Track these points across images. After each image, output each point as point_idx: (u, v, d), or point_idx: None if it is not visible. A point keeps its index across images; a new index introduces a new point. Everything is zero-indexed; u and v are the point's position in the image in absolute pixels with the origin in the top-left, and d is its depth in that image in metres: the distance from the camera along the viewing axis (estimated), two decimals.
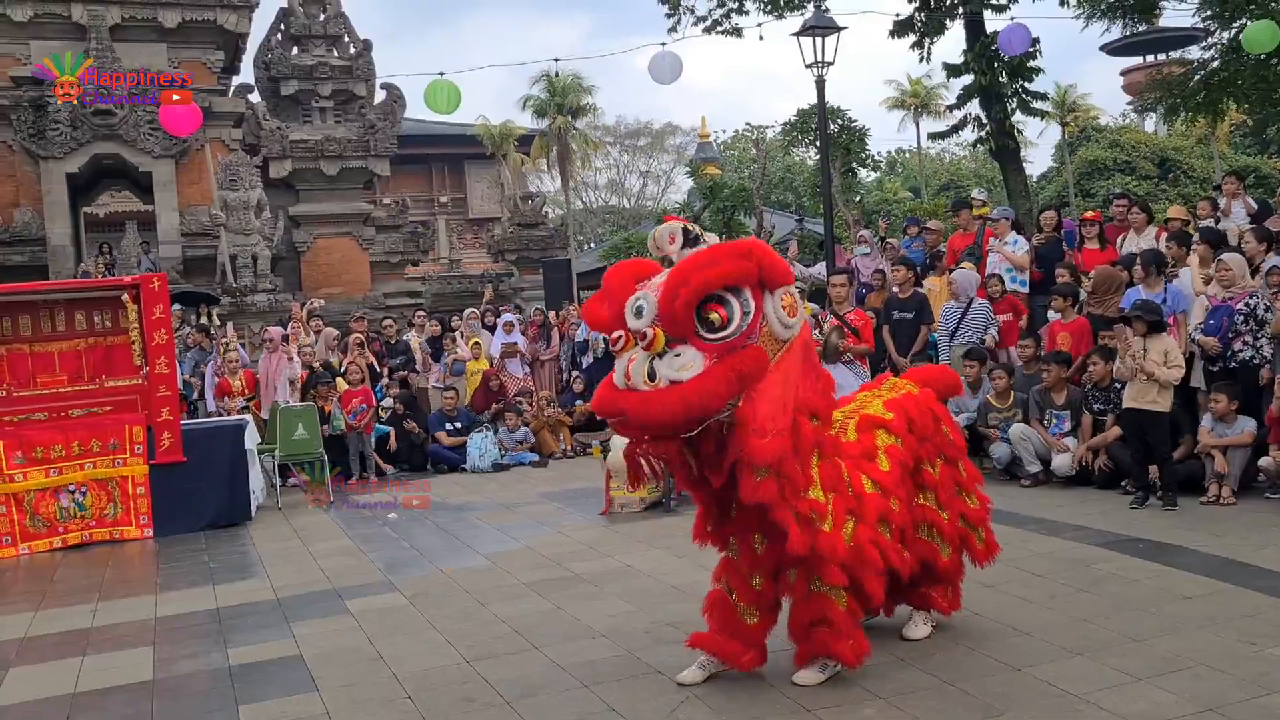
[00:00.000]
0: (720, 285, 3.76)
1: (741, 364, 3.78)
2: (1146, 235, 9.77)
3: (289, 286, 19.78)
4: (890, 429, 4.45)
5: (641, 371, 3.76)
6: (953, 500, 4.63)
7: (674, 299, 3.72)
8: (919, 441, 4.52)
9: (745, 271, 3.82)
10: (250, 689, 4.72)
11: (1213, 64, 17.23)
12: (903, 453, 4.41)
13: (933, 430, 4.60)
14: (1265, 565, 5.65)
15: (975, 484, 4.80)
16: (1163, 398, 7.24)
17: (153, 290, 8.99)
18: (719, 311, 3.76)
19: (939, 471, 4.58)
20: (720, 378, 3.72)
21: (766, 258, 3.92)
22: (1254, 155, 33.12)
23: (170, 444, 8.84)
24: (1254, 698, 3.89)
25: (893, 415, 4.50)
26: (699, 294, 3.73)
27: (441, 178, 39.29)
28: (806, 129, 23.52)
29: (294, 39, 21.14)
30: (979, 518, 4.75)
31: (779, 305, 3.91)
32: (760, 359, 3.85)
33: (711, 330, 3.76)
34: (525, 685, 4.48)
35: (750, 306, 3.82)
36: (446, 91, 14.77)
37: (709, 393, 3.71)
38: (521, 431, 11.80)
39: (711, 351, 3.74)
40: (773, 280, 3.91)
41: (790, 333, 3.97)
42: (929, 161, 47.74)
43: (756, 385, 3.83)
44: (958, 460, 4.73)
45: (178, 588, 6.88)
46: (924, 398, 4.70)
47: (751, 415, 3.79)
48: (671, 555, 6.70)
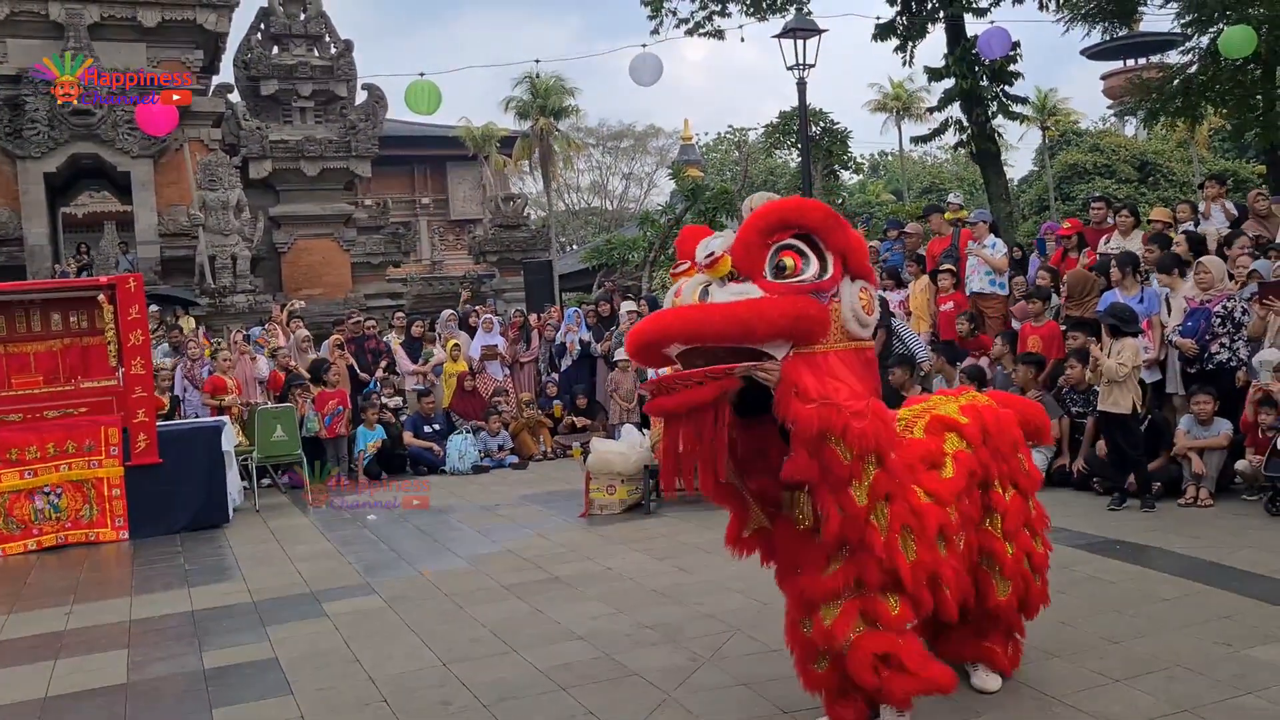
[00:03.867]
0: (804, 227, 3.49)
1: (805, 306, 3.41)
2: (1133, 238, 9.82)
3: (269, 288, 19.67)
4: (963, 434, 3.97)
5: (694, 293, 3.47)
6: (1019, 534, 4.08)
7: (754, 224, 3.48)
8: (992, 456, 4.02)
9: (832, 231, 3.53)
10: (225, 692, 4.68)
11: (1191, 68, 17.35)
12: (973, 462, 3.92)
13: (1009, 452, 4.09)
14: (1242, 567, 5.68)
15: (1043, 526, 4.27)
16: (1123, 398, 7.30)
17: (129, 291, 8.92)
18: (793, 258, 3.47)
19: (1010, 499, 4.06)
20: (778, 306, 3.36)
21: (857, 240, 3.65)
22: (1232, 159, 33.36)
23: (146, 445, 8.77)
24: (1230, 698, 3.90)
25: (968, 420, 4.02)
26: (782, 221, 3.46)
27: (423, 179, 39.19)
28: (789, 131, 23.56)
29: (274, 38, 21.03)
30: (1042, 562, 4.22)
31: (856, 296, 3.57)
32: (825, 315, 3.47)
33: (780, 275, 3.44)
34: (504, 688, 4.45)
35: (828, 272, 3.51)
36: (427, 92, 14.75)
37: (761, 315, 3.34)
38: (502, 436, 11.77)
39: (775, 292, 3.41)
40: (858, 266, 3.61)
41: (863, 333, 3.61)
42: (911, 164, 47.91)
43: (812, 347, 3.46)
44: (1029, 494, 4.18)
45: (153, 590, 6.82)
46: (1005, 416, 4.18)
47: (798, 376, 3.38)
48: (652, 558, 6.68)
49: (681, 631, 5.06)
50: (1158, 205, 14.96)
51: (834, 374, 3.45)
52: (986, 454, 3.98)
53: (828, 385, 3.39)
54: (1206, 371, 7.84)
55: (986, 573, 4.00)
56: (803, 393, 3.35)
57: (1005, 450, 4.06)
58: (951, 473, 3.82)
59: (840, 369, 3.48)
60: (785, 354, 3.41)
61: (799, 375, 3.39)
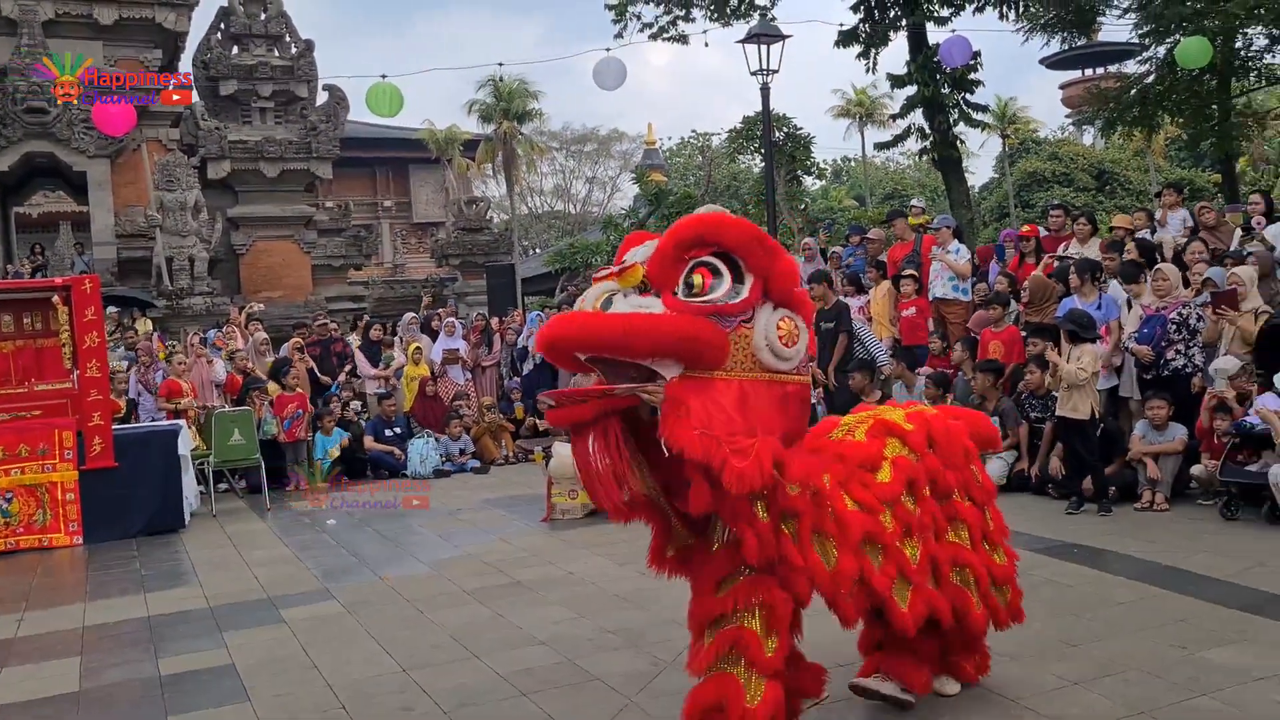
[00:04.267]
0: (722, 245, 3.34)
1: (693, 328, 3.25)
2: (1091, 246, 9.94)
3: (227, 290, 19.47)
4: (906, 439, 3.83)
5: (596, 300, 3.41)
6: (977, 546, 3.98)
7: (671, 238, 3.37)
8: (943, 465, 3.88)
9: (753, 252, 3.36)
10: (181, 699, 4.61)
11: (1148, 79, 17.63)
12: (915, 468, 3.79)
13: (960, 461, 3.96)
14: (1196, 570, 5.76)
15: (1002, 537, 4.12)
16: (1081, 404, 7.39)
17: (84, 292, 8.79)
18: (705, 275, 3.31)
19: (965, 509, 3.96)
20: (661, 324, 3.22)
21: (783, 262, 3.45)
22: (1188, 168, 33.91)
23: (101, 449, 8.64)
24: (1184, 700, 3.95)
25: (913, 426, 3.88)
26: (698, 237, 3.33)
27: (385, 181, 38.92)
28: (752, 136, 23.66)
29: (234, 38, 20.83)
30: (1005, 575, 4.08)
31: (774, 325, 3.38)
32: (721, 342, 3.29)
33: (690, 293, 3.30)
34: (464, 694, 4.42)
35: (739, 295, 3.33)
36: (389, 94, 14.67)
37: (641, 331, 3.20)
38: (463, 440, 11.70)
39: (675, 309, 3.28)
40: (781, 293, 3.43)
41: (779, 364, 3.40)
42: (874, 170, 48.26)
43: (711, 372, 3.30)
44: (985, 506, 4.03)
45: (108, 596, 6.71)
46: (954, 426, 4.04)
47: (683, 397, 3.22)
48: (613, 563, 6.67)
49: (643, 636, 5.05)
50: (1115, 213, 15.18)
51: (727, 404, 3.27)
52: (935, 461, 3.86)
53: (713, 414, 3.21)
54: (1162, 377, 7.95)
55: (961, 588, 3.85)
56: (689, 417, 3.19)
57: (957, 460, 3.94)
58: (888, 477, 3.71)
59: (740, 400, 3.31)
60: (674, 375, 3.27)
61: (683, 399, 3.22)
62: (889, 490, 3.68)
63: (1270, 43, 16.79)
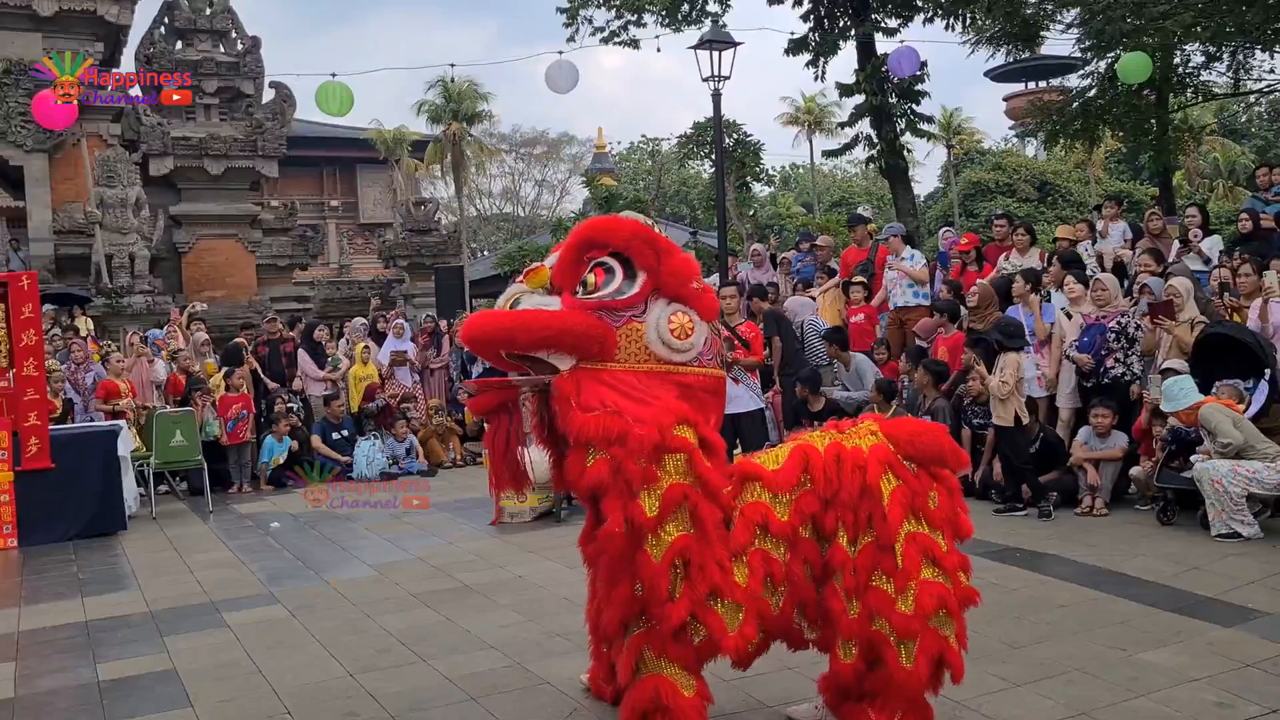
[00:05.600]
0: (611, 245, 3.64)
1: (574, 321, 3.53)
2: (1030, 256, 10.10)
3: (169, 288, 19.15)
4: (767, 483, 3.61)
5: (506, 300, 3.74)
6: (867, 591, 3.52)
7: (570, 241, 3.71)
8: (823, 505, 3.56)
9: (640, 251, 3.64)
10: (120, 705, 4.53)
11: (1090, 93, 17.97)
12: (771, 514, 3.57)
13: (850, 500, 3.54)
14: (1135, 574, 5.88)
15: (909, 580, 3.50)
16: (1005, 411, 7.61)
17: (21, 289, 8.61)
18: (599, 274, 3.61)
19: (858, 551, 3.54)
20: (542, 318, 3.54)
21: (674, 260, 3.68)
22: (1127, 181, 34.64)
23: (38, 450, 8.46)
24: (1123, 700, 4.04)
25: (779, 468, 3.64)
26: (590, 239, 3.66)
27: (332, 181, 38.51)
28: (702, 142, 23.78)
29: (179, 33, 20.51)
30: (906, 629, 3.48)
31: (665, 319, 3.62)
32: (606, 336, 3.56)
33: (585, 291, 3.60)
34: (412, 699, 4.39)
35: (629, 291, 3.60)
36: (338, 93, 14.56)
37: (524, 325, 3.53)
38: (409, 440, 11.61)
39: (568, 306, 3.60)
40: (673, 289, 3.66)
41: (674, 356, 3.63)
42: (822, 178, 48.71)
43: (604, 364, 3.57)
44: (892, 545, 3.51)
45: (43, 600, 6.57)
46: (867, 454, 3.61)
47: (572, 389, 3.50)
48: (563, 566, 6.64)
49: None
50: (1057, 224, 15.45)
51: (624, 392, 3.54)
52: (812, 503, 3.56)
53: (610, 400, 3.48)
54: (1102, 385, 8.10)
55: (881, 634, 3.50)
56: (583, 403, 3.47)
57: (846, 499, 3.54)
58: (735, 527, 3.58)
59: (630, 388, 3.55)
60: (566, 368, 3.57)
61: (574, 388, 3.51)
62: (736, 541, 3.55)
63: (1206, 60, 17.20)
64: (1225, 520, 6.54)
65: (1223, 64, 17.27)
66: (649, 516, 3.44)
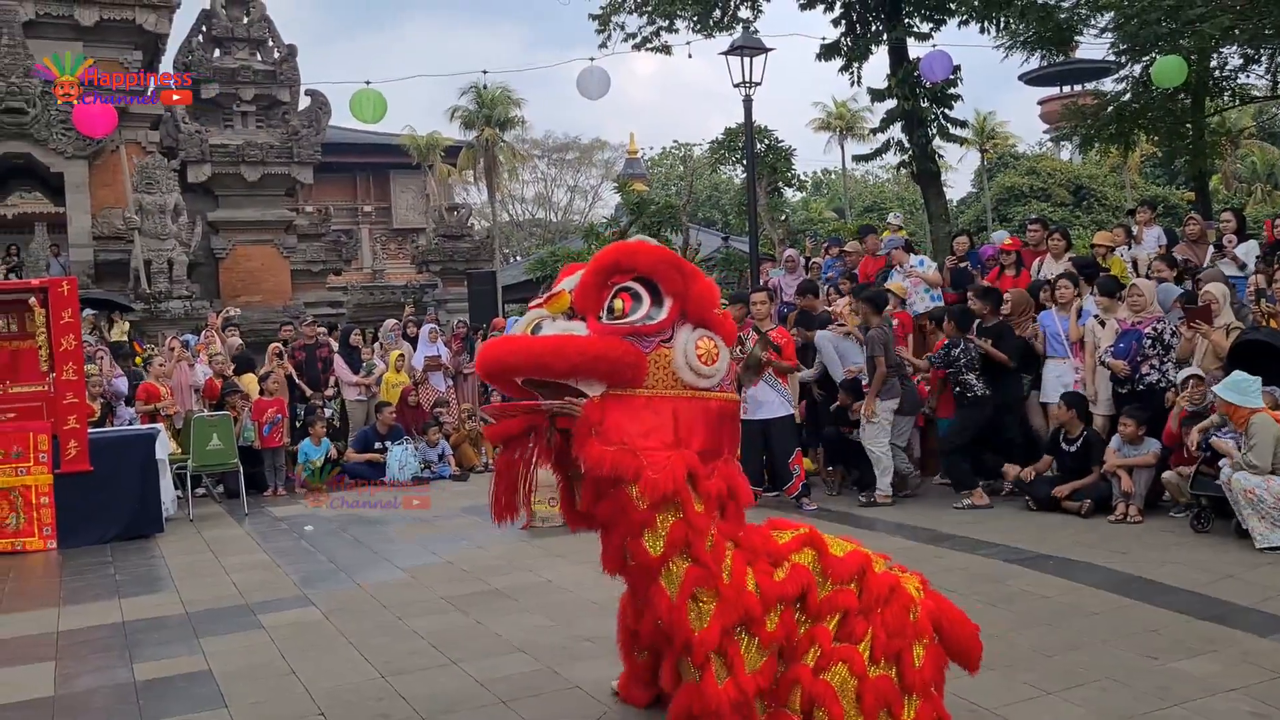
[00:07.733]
0: (636, 271, 3.60)
1: (606, 347, 3.50)
2: (1065, 261, 10.02)
3: (206, 294, 19.38)
4: (822, 559, 3.64)
5: (526, 326, 3.67)
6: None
7: (593, 266, 3.65)
8: (860, 612, 3.57)
9: (666, 276, 3.61)
10: (156, 705, 4.59)
11: (1124, 96, 17.81)
12: (815, 587, 3.57)
13: (889, 626, 3.55)
14: (1167, 581, 5.82)
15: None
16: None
17: (61, 294, 8.73)
18: (625, 300, 3.59)
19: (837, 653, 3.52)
20: (576, 344, 3.48)
21: (699, 285, 3.69)
22: (1163, 185, 34.32)
23: (77, 453, 8.58)
24: (1155, 710, 4.00)
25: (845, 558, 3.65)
26: (615, 265, 3.60)
27: (366, 187, 38.87)
28: (734, 147, 23.77)
29: (216, 41, 20.78)
30: None
31: (693, 344, 3.62)
32: (639, 362, 3.54)
33: (612, 316, 3.57)
34: (442, 701, 4.43)
35: (658, 317, 3.59)
36: (372, 100, 14.67)
37: (557, 352, 3.47)
38: (441, 445, 11.66)
39: (596, 332, 3.55)
40: (698, 314, 3.67)
41: (700, 382, 3.64)
42: (854, 183, 48.59)
43: (633, 390, 3.55)
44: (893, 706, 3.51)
45: (82, 601, 6.66)
46: (919, 603, 3.65)
47: (600, 416, 3.48)
48: (592, 570, 6.59)
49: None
50: (1092, 228, 15.33)
51: (646, 418, 3.53)
52: (849, 599, 3.59)
53: (628, 427, 3.48)
54: (1137, 392, 8.03)
55: None
56: (603, 433, 3.44)
57: (882, 622, 3.57)
58: (784, 575, 3.58)
59: (661, 415, 3.55)
60: (596, 394, 3.53)
61: (602, 415, 3.49)
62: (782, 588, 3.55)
63: (1244, 63, 17.01)
64: (1266, 533, 6.38)
65: (1261, 66, 17.08)
66: (654, 556, 3.50)
